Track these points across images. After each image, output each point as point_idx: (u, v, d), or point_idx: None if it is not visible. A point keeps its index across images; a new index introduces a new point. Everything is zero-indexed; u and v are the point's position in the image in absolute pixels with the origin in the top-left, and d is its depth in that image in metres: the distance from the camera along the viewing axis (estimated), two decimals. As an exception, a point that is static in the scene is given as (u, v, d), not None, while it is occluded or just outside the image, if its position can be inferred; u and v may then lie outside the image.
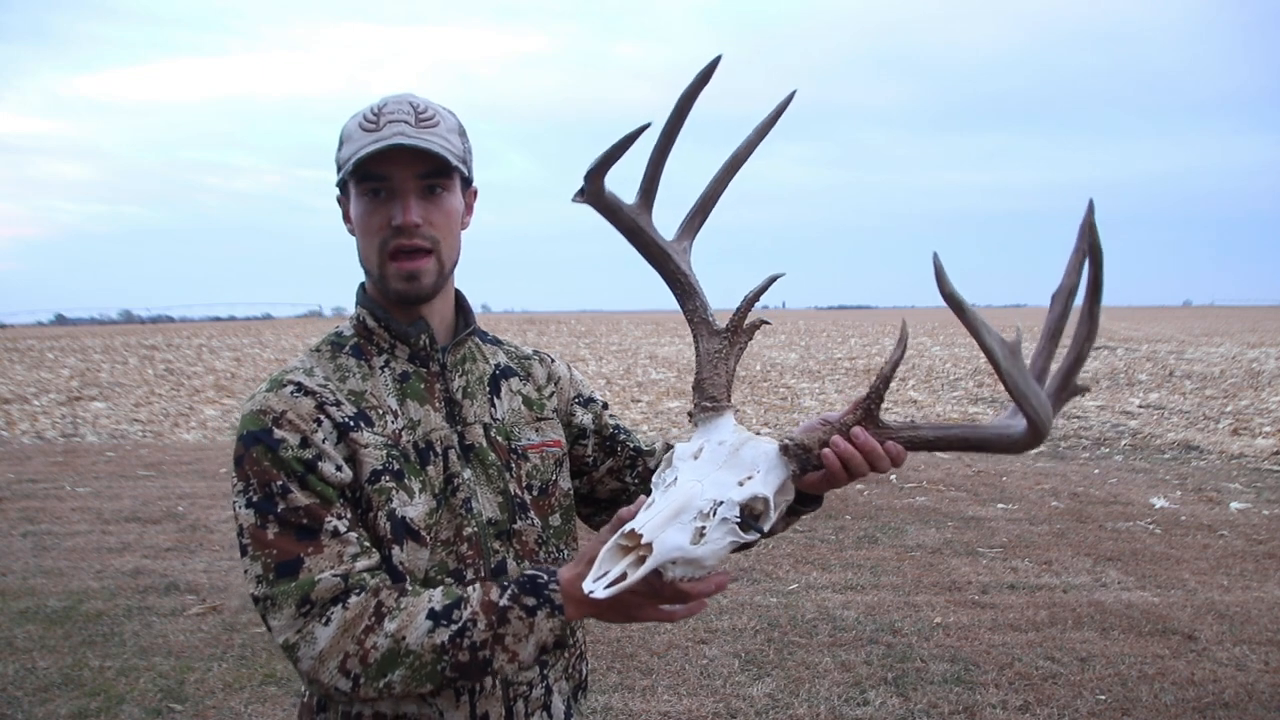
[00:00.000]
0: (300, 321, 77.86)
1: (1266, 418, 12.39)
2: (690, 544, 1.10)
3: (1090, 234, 1.14)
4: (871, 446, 1.20)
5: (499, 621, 1.19)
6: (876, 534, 6.48)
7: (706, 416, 1.26)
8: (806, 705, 3.79)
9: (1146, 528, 6.71)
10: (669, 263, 1.32)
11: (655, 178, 1.30)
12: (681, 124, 1.26)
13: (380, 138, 1.26)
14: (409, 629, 1.18)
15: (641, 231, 1.30)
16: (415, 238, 1.29)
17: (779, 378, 18.71)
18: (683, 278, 1.33)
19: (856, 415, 1.23)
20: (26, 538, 6.47)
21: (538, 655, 1.22)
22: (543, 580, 1.22)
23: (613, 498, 1.57)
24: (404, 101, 1.30)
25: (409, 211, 1.28)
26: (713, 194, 1.36)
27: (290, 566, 1.18)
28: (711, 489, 1.14)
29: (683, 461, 1.20)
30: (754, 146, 1.34)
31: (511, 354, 1.52)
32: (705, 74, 1.23)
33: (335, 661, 1.17)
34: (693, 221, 1.36)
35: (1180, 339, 31.83)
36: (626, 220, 1.30)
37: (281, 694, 3.92)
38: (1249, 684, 3.98)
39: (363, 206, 1.31)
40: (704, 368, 1.29)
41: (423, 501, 1.29)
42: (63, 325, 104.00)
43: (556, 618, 1.20)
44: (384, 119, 1.28)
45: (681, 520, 1.11)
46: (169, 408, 15.11)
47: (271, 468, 1.20)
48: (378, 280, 1.33)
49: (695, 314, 1.33)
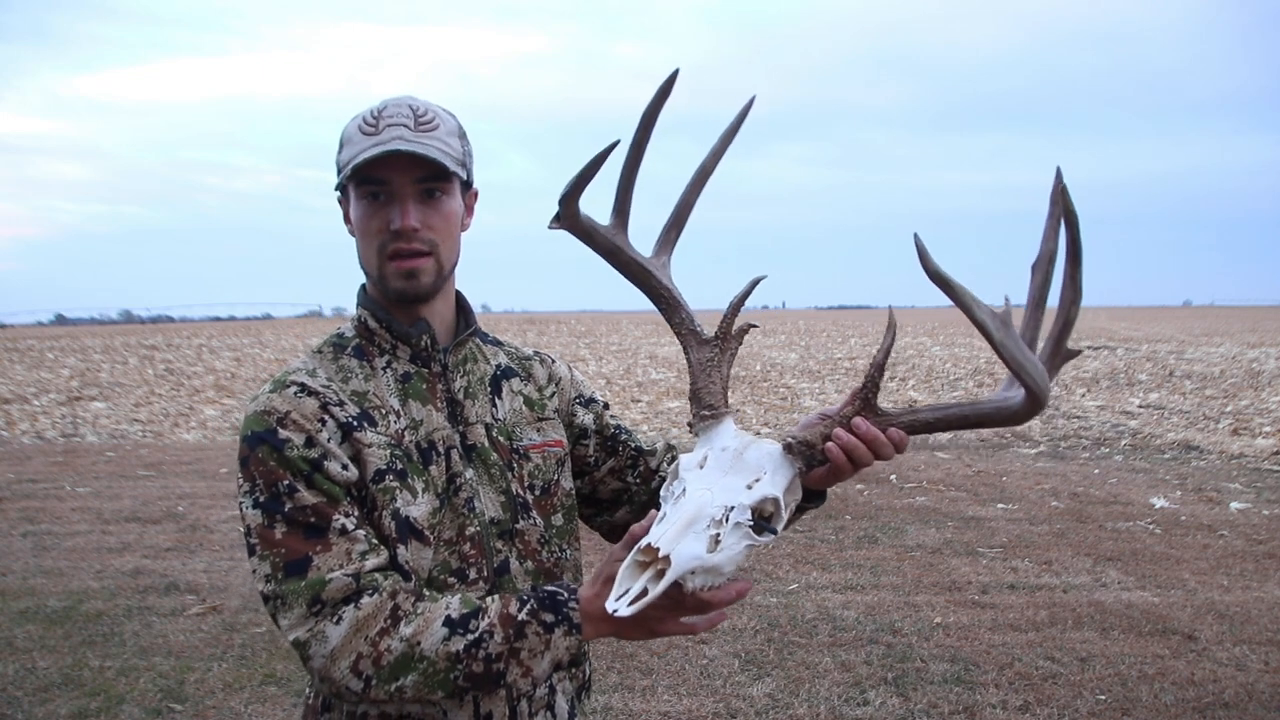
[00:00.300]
0: (300, 321, 77.90)
1: (1266, 418, 12.39)
2: (707, 553, 1.11)
3: (1063, 200, 1.16)
4: (873, 435, 1.21)
5: (516, 635, 1.19)
6: (876, 534, 6.48)
7: (707, 425, 1.27)
8: (806, 705, 3.79)
9: (1146, 528, 6.71)
10: (650, 279, 1.34)
11: (627, 196, 1.31)
12: (647, 140, 1.27)
13: (379, 142, 1.27)
14: (424, 634, 1.18)
15: (620, 251, 1.32)
16: (414, 242, 1.30)
17: (779, 378, 18.71)
18: (665, 293, 1.34)
19: (855, 406, 1.24)
20: (26, 538, 6.48)
21: (552, 672, 1.23)
22: (563, 598, 1.23)
23: (614, 498, 1.58)
24: (403, 105, 1.31)
25: (407, 216, 1.29)
26: (685, 205, 1.38)
27: (299, 565, 1.18)
28: (721, 495, 1.15)
29: (689, 472, 1.21)
30: (719, 156, 1.36)
31: (512, 355, 1.53)
32: (664, 89, 1.24)
33: (348, 661, 1.17)
34: (669, 235, 1.38)
35: (1180, 339, 31.83)
36: (604, 242, 1.31)
37: (281, 694, 3.92)
38: (1249, 684, 3.98)
39: (362, 209, 1.32)
40: (698, 377, 1.30)
41: (426, 501, 1.30)
42: (63, 325, 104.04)
43: (574, 636, 1.21)
44: (383, 122, 1.28)
45: (695, 530, 1.11)
46: (169, 408, 15.11)
47: (278, 467, 1.21)
48: (377, 281, 1.34)
49: (682, 326, 1.34)
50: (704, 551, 1.11)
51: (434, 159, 1.27)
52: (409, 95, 1.34)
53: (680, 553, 1.09)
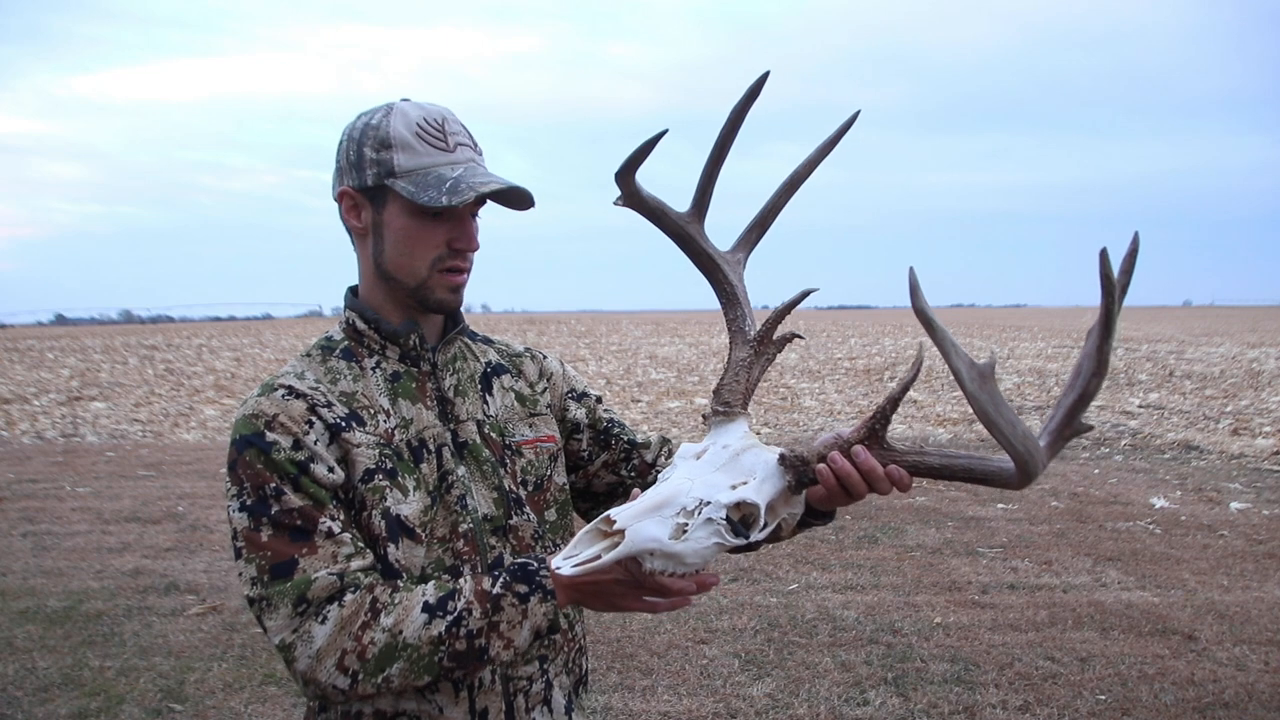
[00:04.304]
0: (300, 321, 77.90)
1: (1266, 418, 12.38)
2: (669, 538, 1.11)
3: (1102, 264, 1.06)
4: (871, 467, 1.20)
5: (493, 609, 1.21)
6: (876, 534, 6.48)
7: (719, 420, 1.27)
8: (806, 705, 3.79)
9: (1146, 528, 6.71)
10: (718, 272, 1.36)
11: (708, 189, 1.34)
12: (733, 138, 1.30)
13: (455, 161, 1.30)
14: (405, 622, 1.19)
15: (692, 240, 1.35)
16: (468, 260, 1.36)
17: (779, 378, 18.71)
18: (730, 287, 1.36)
19: (861, 434, 1.21)
20: (26, 538, 6.48)
21: (532, 639, 1.24)
22: (533, 567, 1.25)
23: (610, 491, 1.58)
24: (458, 123, 1.34)
25: (474, 238, 1.36)
26: (772, 210, 1.40)
27: (285, 568, 1.19)
28: (701, 488, 1.15)
29: (683, 460, 1.22)
30: (815, 165, 1.38)
31: (503, 352, 1.54)
32: (754, 89, 1.27)
33: (333, 659, 1.17)
34: (750, 235, 1.41)
35: (1180, 339, 31.82)
36: (674, 226, 1.34)
37: (281, 694, 3.92)
38: (1249, 684, 3.97)
39: (417, 222, 1.32)
40: (727, 374, 1.31)
41: (417, 499, 1.30)
42: (63, 325, 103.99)
43: (549, 602, 1.23)
44: (451, 139, 1.32)
45: (662, 514, 1.12)
46: (169, 408, 15.11)
47: (264, 470, 1.21)
48: (414, 289, 1.35)
49: (734, 323, 1.36)
50: (665, 536, 1.10)
51: (526, 192, 1.32)
52: (446, 108, 1.35)
53: (638, 530, 1.10)
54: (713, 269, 1.36)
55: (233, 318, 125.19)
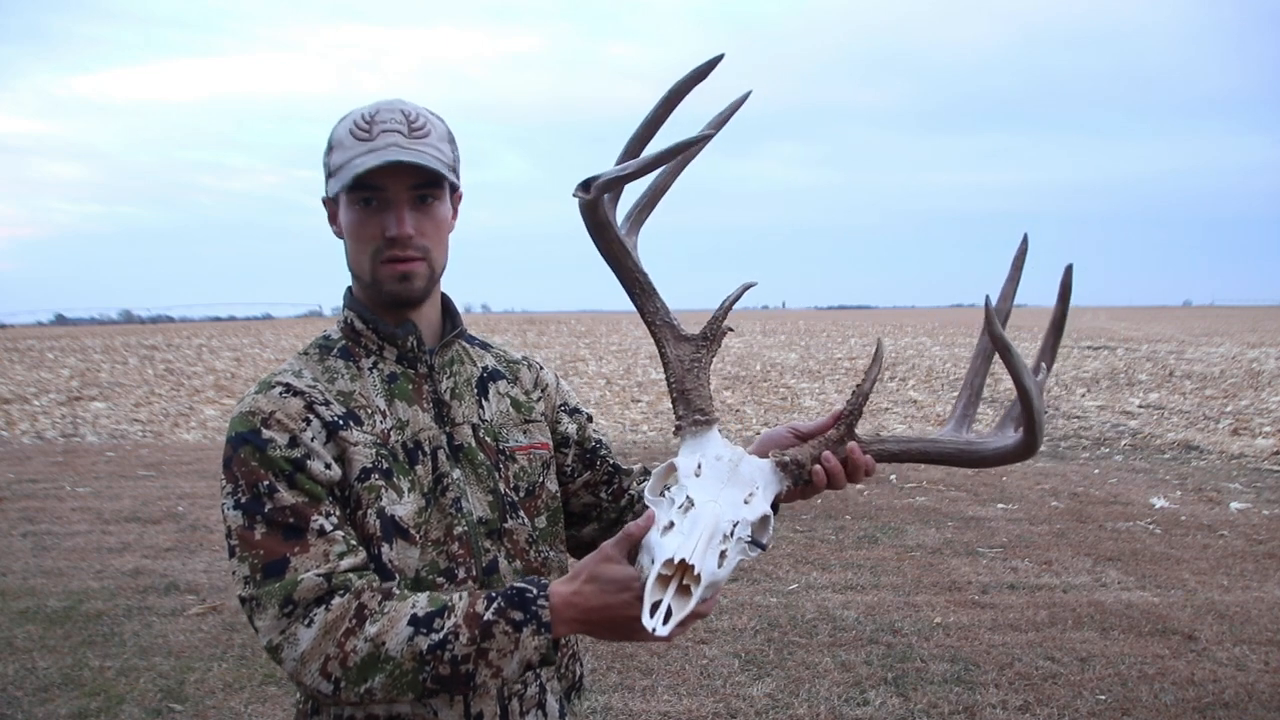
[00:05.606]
0: (300, 321, 77.85)
1: (1266, 418, 12.38)
2: (718, 567, 1.11)
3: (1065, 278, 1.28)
4: (865, 461, 1.25)
5: (483, 636, 1.16)
6: (876, 534, 6.48)
7: (697, 430, 1.25)
8: (806, 705, 3.79)
9: (1146, 528, 6.71)
10: (626, 260, 1.27)
11: (632, 178, 1.27)
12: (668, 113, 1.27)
13: (374, 148, 1.27)
14: (389, 634, 1.16)
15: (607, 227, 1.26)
16: (408, 249, 1.31)
17: (779, 378, 18.70)
18: (641, 276, 1.28)
19: (840, 430, 1.25)
20: (26, 538, 6.48)
21: (522, 672, 1.20)
22: (531, 595, 1.19)
23: (584, 512, 1.57)
24: (395, 109, 1.31)
25: (403, 224, 1.30)
26: (659, 190, 1.34)
27: (277, 567, 1.18)
28: (728, 510, 1.15)
29: (689, 479, 1.19)
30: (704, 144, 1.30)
31: (500, 357, 1.53)
32: (704, 70, 1.25)
33: (317, 664, 1.16)
34: (639, 216, 1.33)
35: (1180, 339, 31.80)
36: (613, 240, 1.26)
37: (281, 694, 3.92)
38: (1249, 684, 3.97)
39: (355, 215, 1.32)
40: (685, 378, 1.26)
41: (411, 500, 1.29)
42: (63, 325, 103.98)
43: (543, 635, 1.17)
44: (377, 127, 1.28)
45: (713, 545, 1.11)
46: (169, 408, 15.10)
47: (259, 467, 1.20)
48: (370, 284, 1.34)
49: (658, 316, 1.28)
50: (716, 566, 1.11)
51: (432, 168, 1.28)
52: (399, 99, 1.34)
53: (707, 569, 1.09)
54: (622, 256, 1.26)
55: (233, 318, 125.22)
